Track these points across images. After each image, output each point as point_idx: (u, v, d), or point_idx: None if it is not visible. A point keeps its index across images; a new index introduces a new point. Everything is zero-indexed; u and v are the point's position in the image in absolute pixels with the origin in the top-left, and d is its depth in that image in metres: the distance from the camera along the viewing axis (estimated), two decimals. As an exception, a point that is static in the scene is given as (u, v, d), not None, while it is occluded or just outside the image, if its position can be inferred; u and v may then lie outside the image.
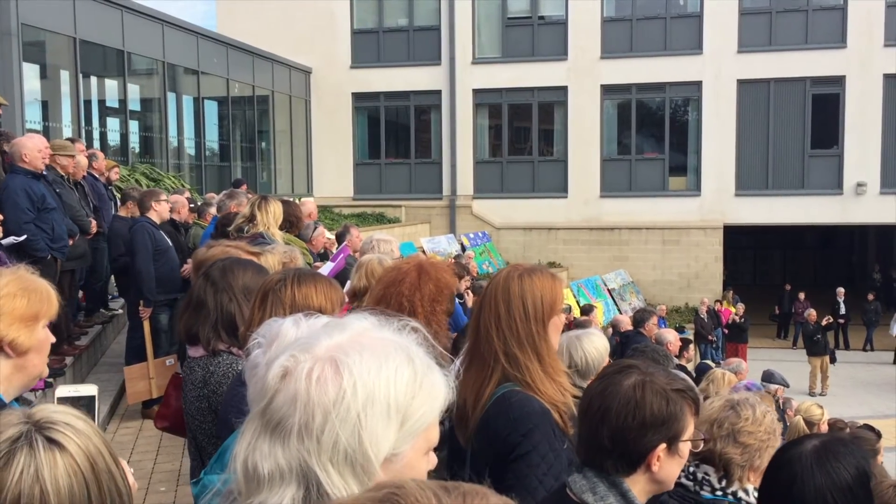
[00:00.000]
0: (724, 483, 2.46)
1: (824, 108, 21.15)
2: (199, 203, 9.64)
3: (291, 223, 5.87)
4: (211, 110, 19.39)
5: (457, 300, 5.09)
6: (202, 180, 17.67)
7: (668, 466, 1.90)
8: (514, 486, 2.33)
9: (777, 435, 2.49)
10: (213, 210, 7.97)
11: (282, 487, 1.14)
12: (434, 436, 1.24)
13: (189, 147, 18.15)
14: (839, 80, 20.86)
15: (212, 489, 1.35)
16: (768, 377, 7.95)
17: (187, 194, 9.93)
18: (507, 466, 2.37)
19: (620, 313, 16.98)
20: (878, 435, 6.28)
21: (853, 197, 20.88)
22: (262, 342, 1.74)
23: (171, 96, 16.98)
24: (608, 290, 20.74)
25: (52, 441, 1.19)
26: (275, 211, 5.47)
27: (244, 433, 1.19)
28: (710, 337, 19.27)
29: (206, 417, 2.84)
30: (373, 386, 1.15)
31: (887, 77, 20.51)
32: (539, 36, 22.22)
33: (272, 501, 1.14)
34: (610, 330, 11.69)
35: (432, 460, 1.26)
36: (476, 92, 22.52)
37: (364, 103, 23.39)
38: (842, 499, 1.87)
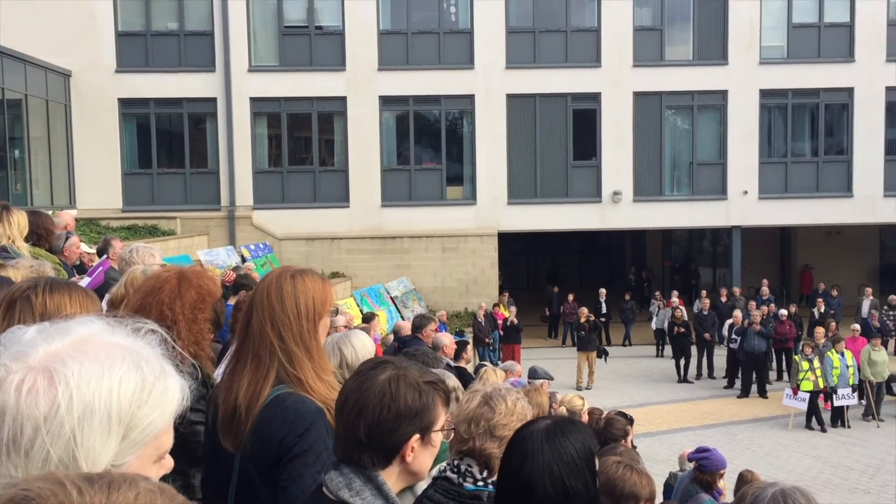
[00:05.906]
0: (485, 474, 2.57)
1: (584, 122, 22.86)
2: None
3: (40, 236, 5.39)
4: (-49, 114, 17.46)
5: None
6: (-58, 191, 15.86)
7: (422, 457, 1.97)
8: (289, 487, 2.34)
9: (528, 419, 2.65)
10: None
11: None
12: (166, 442, 1.21)
13: (-75, 154, 16.23)
14: (596, 97, 22.65)
15: None
16: (533, 373, 8.47)
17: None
18: (282, 467, 2.36)
19: (403, 320, 17.31)
20: (630, 420, 6.90)
21: (610, 205, 22.74)
22: (1, 350, 1.61)
23: None
24: (391, 297, 21.07)
25: None
26: (19, 222, 5.02)
27: None
28: (486, 339, 20.15)
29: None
30: (91, 397, 1.10)
31: (636, 94, 22.57)
32: (317, 45, 22.17)
33: None
34: (391, 336, 11.91)
35: (167, 465, 1.23)
36: (253, 100, 22.03)
37: (132, 109, 22.10)
38: (566, 470, 2.04)
